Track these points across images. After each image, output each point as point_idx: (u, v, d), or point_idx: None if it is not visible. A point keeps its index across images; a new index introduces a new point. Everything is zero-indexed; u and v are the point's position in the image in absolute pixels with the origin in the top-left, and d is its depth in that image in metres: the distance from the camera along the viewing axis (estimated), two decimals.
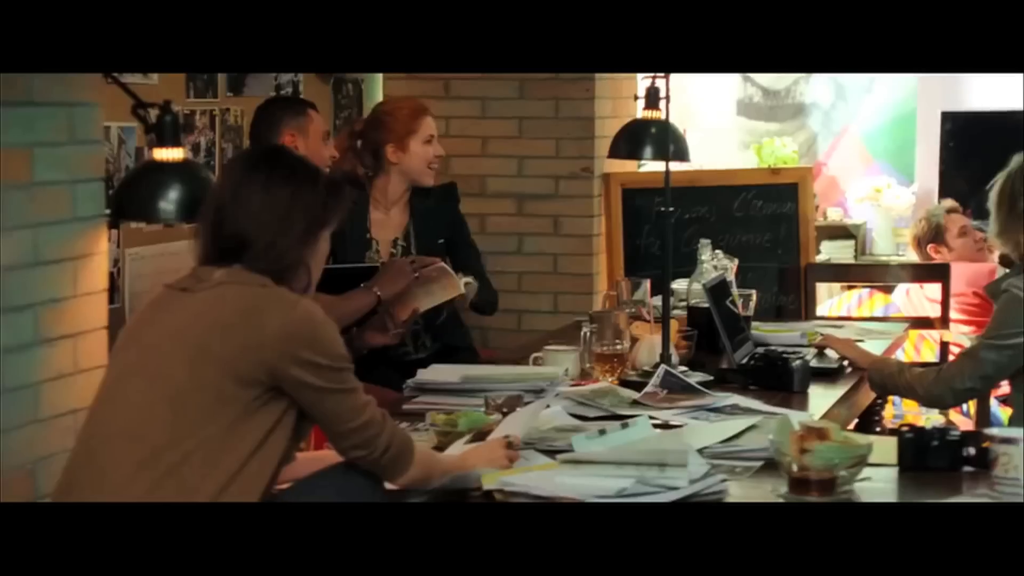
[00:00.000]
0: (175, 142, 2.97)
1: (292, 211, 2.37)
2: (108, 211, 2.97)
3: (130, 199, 2.98)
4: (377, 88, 5.07)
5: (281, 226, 2.36)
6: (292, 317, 2.30)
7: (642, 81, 4.64)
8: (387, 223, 4.16)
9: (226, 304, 2.32)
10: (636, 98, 4.68)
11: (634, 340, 3.50)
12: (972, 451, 2.63)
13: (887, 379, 3.45)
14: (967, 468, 2.63)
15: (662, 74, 3.67)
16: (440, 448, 2.74)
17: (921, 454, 2.64)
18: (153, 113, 2.96)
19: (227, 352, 2.27)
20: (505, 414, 2.94)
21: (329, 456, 2.47)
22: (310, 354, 2.29)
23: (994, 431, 2.62)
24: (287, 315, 2.30)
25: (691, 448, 2.57)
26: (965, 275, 4.74)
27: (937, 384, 3.28)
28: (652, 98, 4.46)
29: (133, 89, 2.99)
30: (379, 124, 4.19)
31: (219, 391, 2.27)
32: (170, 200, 2.91)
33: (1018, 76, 6.14)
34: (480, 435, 2.76)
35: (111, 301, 3.31)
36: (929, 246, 5.21)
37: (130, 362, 2.36)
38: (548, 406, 3.03)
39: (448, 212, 4.25)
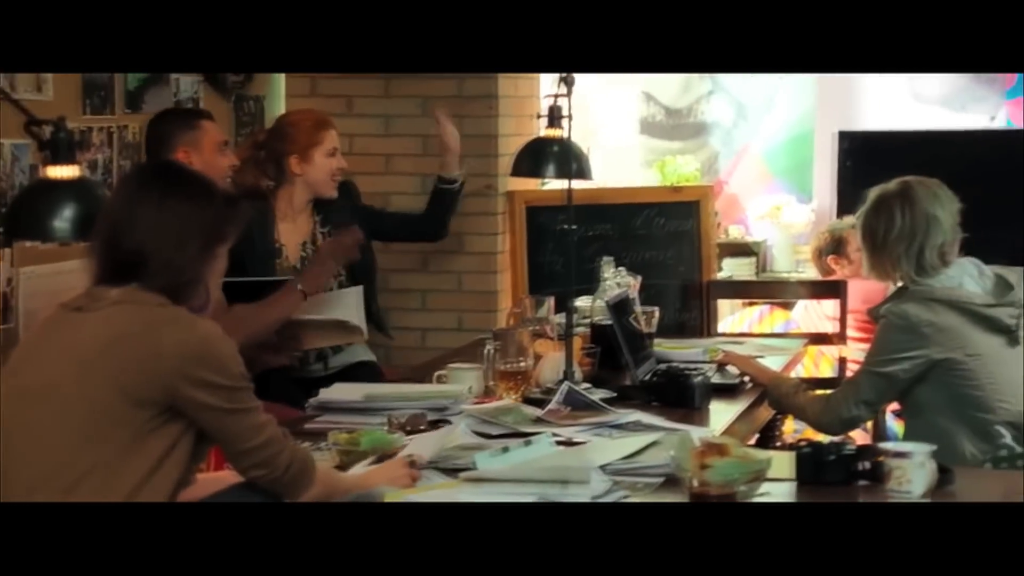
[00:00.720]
0: (69, 159, 2.93)
1: (188, 227, 2.34)
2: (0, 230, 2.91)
3: (23, 217, 2.93)
4: (279, 104, 5.03)
5: (177, 243, 2.33)
6: (189, 336, 2.27)
7: (544, 100, 4.65)
8: (294, 229, 4.20)
9: (122, 324, 2.28)
10: (539, 116, 4.69)
11: (537, 357, 3.51)
12: (867, 465, 2.67)
13: (783, 398, 3.50)
14: (862, 482, 2.67)
15: (564, 92, 3.68)
16: (342, 467, 2.73)
17: (818, 468, 2.68)
18: (47, 130, 2.92)
19: (122, 372, 2.24)
20: (408, 432, 2.93)
21: (228, 477, 2.44)
22: (208, 374, 2.26)
23: (888, 445, 2.68)
24: (184, 334, 2.27)
25: (593, 465, 2.58)
26: (860, 292, 4.82)
27: (825, 412, 3.33)
28: (554, 116, 4.48)
29: (26, 105, 2.94)
30: (282, 135, 4.19)
31: (112, 412, 2.23)
32: (64, 218, 2.86)
33: (912, 97, 6.27)
34: (385, 457, 2.75)
35: (4, 321, 3.24)
36: (829, 257, 5.28)
37: (22, 383, 2.32)
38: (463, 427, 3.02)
39: (355, 209, 4.30)
